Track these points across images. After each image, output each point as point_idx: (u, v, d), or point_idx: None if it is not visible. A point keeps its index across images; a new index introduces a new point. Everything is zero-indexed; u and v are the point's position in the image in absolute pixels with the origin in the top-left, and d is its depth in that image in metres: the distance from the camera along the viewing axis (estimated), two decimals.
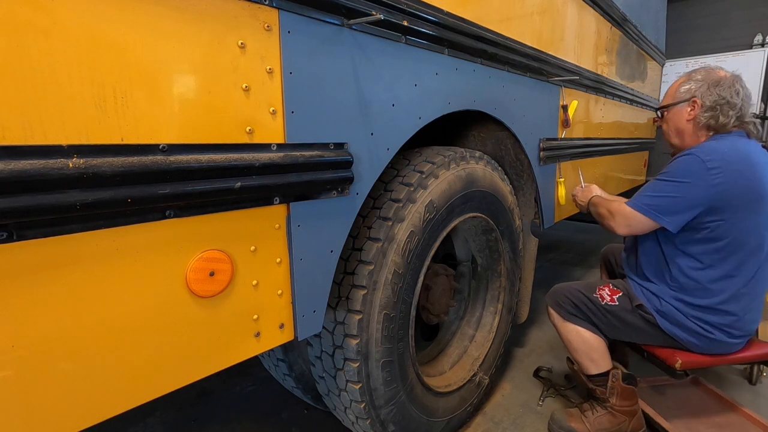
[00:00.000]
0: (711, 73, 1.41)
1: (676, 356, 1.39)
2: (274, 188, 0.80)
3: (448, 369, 1.60)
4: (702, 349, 1.39)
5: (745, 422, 1.55)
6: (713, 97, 1.36)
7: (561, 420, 1.54)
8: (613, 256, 1.97)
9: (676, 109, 1.46)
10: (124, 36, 0.61)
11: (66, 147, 0.56)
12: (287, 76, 0.81)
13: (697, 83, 1.41)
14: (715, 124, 1.37)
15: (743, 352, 1.41)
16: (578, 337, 1.48)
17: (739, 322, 1.35)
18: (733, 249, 1.30)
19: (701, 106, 1.38)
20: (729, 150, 1.29)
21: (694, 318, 1.36)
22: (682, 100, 1.44)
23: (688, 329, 1.37)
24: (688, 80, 1.45)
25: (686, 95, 1.43)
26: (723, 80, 1.37)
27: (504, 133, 1.68)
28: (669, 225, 1.34)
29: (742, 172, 1.27)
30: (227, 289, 0.79)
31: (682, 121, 1.44)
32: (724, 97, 1.34)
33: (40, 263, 0.57)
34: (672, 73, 4.37)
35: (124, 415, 0.68)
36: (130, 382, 0.68)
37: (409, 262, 1.17)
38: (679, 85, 1.47)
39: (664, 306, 1.40)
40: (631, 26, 2.82)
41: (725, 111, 1.35)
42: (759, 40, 4.06)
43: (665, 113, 1.52)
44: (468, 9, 1.26)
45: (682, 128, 1.46)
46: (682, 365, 1.37)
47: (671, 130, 1.51)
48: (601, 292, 1.49)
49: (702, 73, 1.42)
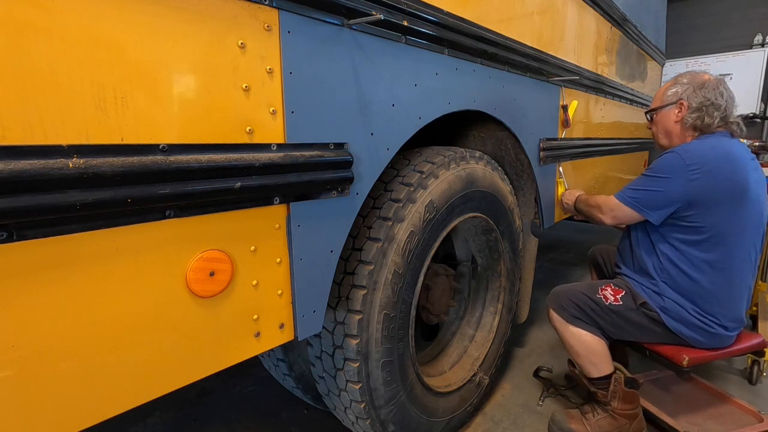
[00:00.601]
0: (696, 76, 1.49)
1: (683, 353, 1.40)
2: (274, 188, 0.80)
3: (448, 369, 1.60)
4: (704, 345, 1.41)
5: (738, 411, 1.60)
6: (699, 99, 1.44)
7: (561, 421, 1.54)
8: (601, 257, 1.99)
9: (663, 112, 1.55)
10: (124, 36, 0.61)
11: (66, 147, 0.56)
12: (287, 76, 0.81)
13: (683, 86, 1.49)
14: (701, 124, 1.44)
15: (741, 344, 1.46)
16: (580, 341, 1.48)
17: (732, 312, 1.40)
18: (718, 241, 1.36)
19: (688, 108, 1.46)
20: (709, 149, 1.37)
21: (694, 312, 1.39)
22: (669, 102, 1.52)
23: (690, 324, 1.39)
24: (674, 84, 1.53)
25: (673, 98, 1.51)
26: (707, 83, 1.44)
27: (504, 133, 1.68)
28: (651, 217, 1.43)
29: (720, 169, 1.34)
30: (227, 289, 0.79)
31: (670, 123, 1.53)
32: (709, 99, 1.42)
33: (40, 263, 0.57)
34: (672, 73, 4.35)
35: (124, 415, 0.68)
36: (130, 382, 0.68)
37: (409, 262, 1.17)
38: (666, 89, 1.55)
39: (666, 302, 1.42)
40: (631, 26, 2.82)
41: (710, 112, 1.42)
42: (759, 40, 4.06)
43: (654, 116, 1.60)
44: (468, 9, 1.26)
45: (669, 129, 1.54)
46: (690, 362, 1.39)
47: (660, 132, 1.59)
48: (603, 292, 1.49)
49: (687, 77, 1.51)
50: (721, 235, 1.35)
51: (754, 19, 4.03)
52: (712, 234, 1.36)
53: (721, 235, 1.35)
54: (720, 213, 1.34)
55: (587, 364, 1.49)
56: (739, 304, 1.43)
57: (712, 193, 1.33)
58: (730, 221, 1.35)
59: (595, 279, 1.99)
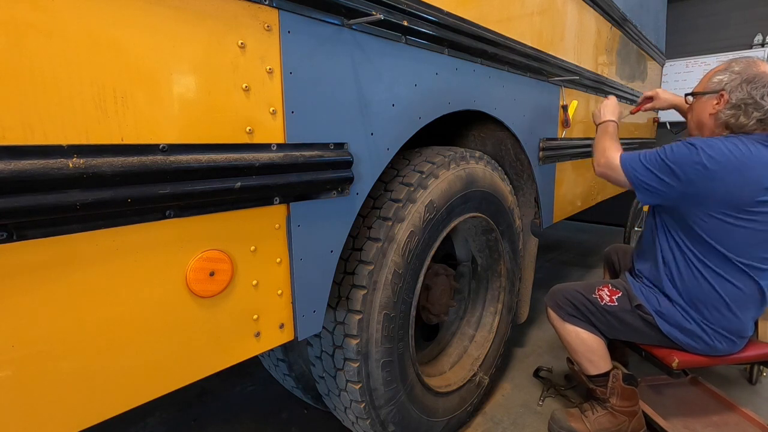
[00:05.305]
0: (751, 66, 1.30)
1: (674, 356, 1.39)
2: (274, 188, 0.80)
3: (448, 369, 1.60)
4: (699, 351, 1.39)
5: (743, 421, 1.55)
6: (742, 94, 1.27)
7: (561, 420, 1.54)
8: (616, 256, 1.96)
9: (704, 99, 1.38)
10: (124, 36, 0.61)
11: (66, 147, 0.56)
12: (287, 76, 0.81)
13: (731, 75, 1.31)
14: (734, 123, 1.30)
15: (741, 353, 1.41)
16: (577, 339, 1.48)
17: (735, 326, 1.34)
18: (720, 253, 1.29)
19: (726, 102, 1.30)
20: (728, 153, 1.22)
21: (694, 320, 1.36)
22: (711, 90, 1.35)
23: (687, 331, 1.37)
24: (725, 69, 1.34)
25: (717, 86, 1.34)
26: (759, 77, 1.26)
27: (504, 133, 1.67)
28: (639, 194, 1.38)
29: (724, 179, 1.22)
30: (227, 289, 0.79)
31: (705, 114, 1.37)
32: (753, 97, 1.25)
33: (40, 263, 0.57)
34: (672, 73, 4.37)
35: (124, 415, 0.68)
36: (130, 382, 0.68)
37: (409, 262, 1.17)
38: (714, 73, 1.37)
39: (663, 306, 1.40)
40: (631, 26, 2.82)
41: (749, 111, 1.26)
42: (759, 40, 4.06)
43: (695, 100, 1.44)
44: (468, 9, 1.26)
45: (703, 122, 1.39)
46: (679, 365, 1.37)
47: (693, 122, 1.45)
48: (600, 292, 1.48)
49: (741, 65, 1.31)
50: (724, 247, 1.28)
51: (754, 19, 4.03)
52: (714, 244, 1.29)
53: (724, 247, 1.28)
54: (717, 222, 1.26)
55: (585, 362, 1.49)
56: (748, 319, 1.35)
57: (705, 199, 1.25)
58: (735, 237, 1.26)
59: (608, 278, 1.98)
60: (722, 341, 1.35)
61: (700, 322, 1.35)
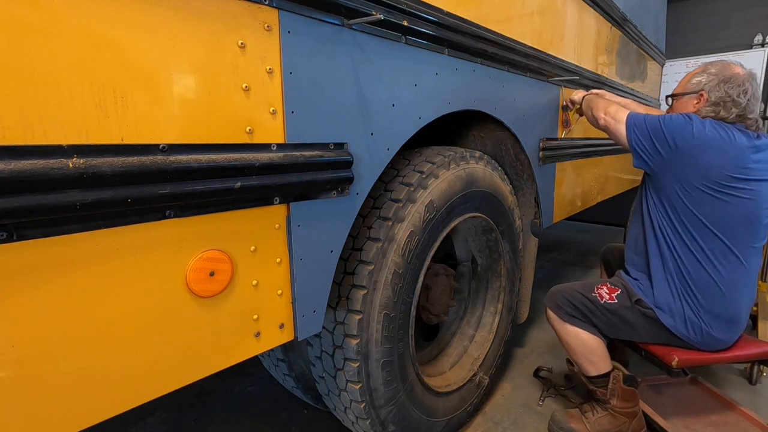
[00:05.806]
0: (726, 68, 1.40)
1: (673, 354, 1.39)
2: (274, 188, 0.80)
3: (448, 369, 1.60)
4: (699, 344, 1.40)
5: (743, 421, 1.55)
6: (720, 94, 1.37)
7: (561, 420, 1.54)
8: (612, 255, 1.97)
9: (684, 99, 1.48)
10: (124, 36, 0.61)
11: (66, 147, 0.56)
12: (287, 76, 0.81)
13: (708, 77, 1.41)
14: (715, 117, 1.39)
15: (739, 351, 1.42)
16: (577, 339, 1.48)
17: (728, 309, 1.36)
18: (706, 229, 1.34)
19: (706, 101, 1.40)
20: (713, 132, 1.32)
21: (689, 305, 1.37)
22: (691, 91, 1.45)
23: (685, 320, 1.38)
24: (702, 72, 1.45)
25: (696, 87, 1.44)
26: (734, 78, 1.36)
27: (504, 133, 1.67)
28: (634, 157, 1.46)
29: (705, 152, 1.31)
30: (227, 289, 0.79)
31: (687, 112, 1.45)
32: (731, 96, 1.35)
33: (40, 263, 0.57)
34: (672, 73, 4.37)
35: (124, 415, 0.68)
36: (130, 382, 0.68)
37: (409, 262, 1.17)
38: (693, 76, 1.47)
39: (659, 298, 1.41)
40: (631, 26, 2.82)
41: (728, 107, 1.36)
42: (759, 40, 4.06)
43: (674, 101, 1.54)
44: (468, 9, 1.26)
45: None
46: (679, 363, 1.37)
47: None
48: (599, 291, 1.49)
49: (717, 67, 1.42)
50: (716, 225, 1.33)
51: (754, 19, 4.03)
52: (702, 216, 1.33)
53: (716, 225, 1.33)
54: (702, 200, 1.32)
55: (585, 363, 1.49)
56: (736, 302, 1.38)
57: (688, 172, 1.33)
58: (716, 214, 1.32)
59: (605, 277, 1.99)
60: (717, 328, 1.37)
61: (694, 306, 1.37)
